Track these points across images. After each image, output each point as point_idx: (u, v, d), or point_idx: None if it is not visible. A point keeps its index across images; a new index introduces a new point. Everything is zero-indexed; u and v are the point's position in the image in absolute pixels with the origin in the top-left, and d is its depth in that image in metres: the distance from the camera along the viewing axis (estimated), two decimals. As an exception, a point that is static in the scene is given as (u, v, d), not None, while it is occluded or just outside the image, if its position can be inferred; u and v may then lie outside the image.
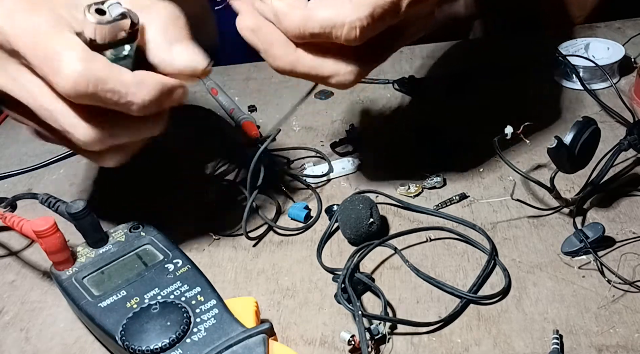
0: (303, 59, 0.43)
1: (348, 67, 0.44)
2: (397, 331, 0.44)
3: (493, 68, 0.71)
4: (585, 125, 0.47)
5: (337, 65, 0.43)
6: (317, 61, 0.43)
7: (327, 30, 0.41)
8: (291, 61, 0.43)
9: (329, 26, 0.41)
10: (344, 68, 0.43)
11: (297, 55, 0.43)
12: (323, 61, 0.43)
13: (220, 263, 0.52)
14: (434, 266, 0.48)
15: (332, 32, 0.41)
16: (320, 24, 0.41)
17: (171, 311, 0.41)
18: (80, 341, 0.46)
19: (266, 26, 0.43)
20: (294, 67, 0.43)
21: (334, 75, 0.44)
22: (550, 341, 0.41)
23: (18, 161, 0.69)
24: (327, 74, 0.44)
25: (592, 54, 0.67)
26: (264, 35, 0.43)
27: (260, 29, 0.42)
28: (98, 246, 0.48)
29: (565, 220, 0.51)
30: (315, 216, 0.55)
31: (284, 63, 0.43)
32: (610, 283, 0.45)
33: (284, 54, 0.43)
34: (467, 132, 0.61)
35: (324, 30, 0.41)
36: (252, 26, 0.43)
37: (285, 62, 0.43)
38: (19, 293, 0.51)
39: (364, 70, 0.44)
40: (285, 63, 0.43)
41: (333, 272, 0.49)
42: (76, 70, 0.38)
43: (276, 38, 0.43)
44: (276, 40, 0.43)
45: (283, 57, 0.43)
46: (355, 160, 0.60)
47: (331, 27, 0.41)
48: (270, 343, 0.40)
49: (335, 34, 0.41)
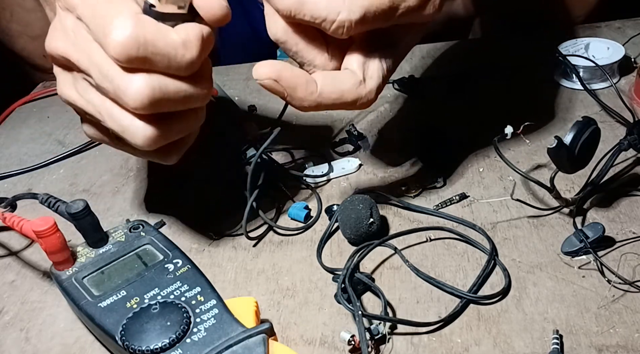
0: (327, 94, 0.44)
1: (367, 88, 0.45)
2: (397, 331, 0.44)
3: (493, 68, 0.71)
4: (585, 125, 0.47)
5: (358, 90, 0.45)
6: (340, 92, 0.44)
7: (317, 21, 0.42)
8: (315, 100, 0.44)
9: (319, 18, 0.42)
10: (364, 90, 0.45)
11: (320, 92, 0.44)
12: (344, 90, 0.44)
13: (220, 263, 0.52)
14: (434, 266, 0.48)
15: (321, 24, 0.42)
16: (311, 14, 0.42)
17: (171, 311, 0.41)
18: (80, 341, 0.46)
19: (285, 71, 0.43)
20: (319, 103, 0.44)
21: (358, 99, 0.45)
22: (550, 341, 0.41)
23: (18, 161, 0.69)
24: (351, 100, 0.45)
25: (592, 54, 0.67)
26: (285, 81, 0.43)
27: (280, 76, 0.43)
28: (98, 246, 0.48)
29: (565, 220, 0.51)
30: (315, 216, 0.55)
31: (309, 103, 0.44)
32: (610, 283, 0.45)
33: (309, 95, 0.44)
34: (467, 132, 0.61)
35: (314, 21, 0.42)
36: (272, 75, 0.43)
37: (311, 102, 0.44)
38: (19, 293, 0.51)
39: (380, 84, 0.45)
40: (310, 103, 0.44)
41: (333, 272, 0.49)
42: (125, 34, 0.39)
43: (298, 81, 0.43)
44: (298, 84, 0.43)
45: (308, 97, 0.44)
46: (355, 160, 0.60)
47: (321, 19, 0.42)
48: (270, 343, 0.40)
49: (323, 26, 0.42)
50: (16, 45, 0.88)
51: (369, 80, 0.45)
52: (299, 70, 0.44)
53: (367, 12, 0.42)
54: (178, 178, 0.61)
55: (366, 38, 0.45)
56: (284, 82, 0.43)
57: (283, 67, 0.43)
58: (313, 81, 0.44)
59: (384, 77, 0.46)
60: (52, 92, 0.81)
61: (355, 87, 0.44)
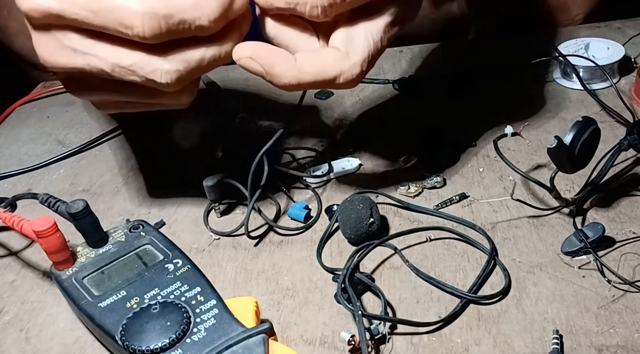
0: (306, 69, 0.43)
1: (349, 61, 0.43)
2: (397, 331, 0.44)
3: (493, 68, 0.71)
4: (585, 125, 0.47)
5: (340, 63, 0.43)
6: (320, 66, 0.43)
7: (291, 5, 0.42)
8: (294, 75, 0.43)
9: (292, 2, 0.42)
10: (346, 64, 0.43)
11: (299, 67, 0.43)
12: (325, 64, 0.43)
13: (220, 263, 0.52)
14: (434, 266, 0.48)
15: (296, 8, 0.42)
16: (284, 0, 0.42)
17: (171, 311, 0.41)
18: (80, 341, 0.46)
19: (262, 48, 0.43)
20: (299, 79, 0.43)
21: (340, 74, 0.43)
22: (550, 341, 0.41)
23: (18, 161, 0.69)
24: (334, 75, 0.43)
25: (592, 54, 0.67)
26: (263, 59, 0.43)
27: (257, 54, 0.43)
28: (98, 246, 0.48)
29: (565, 220, 0.51)
30: (315, 216, 0.55)
31: (289, 79, 0.43)
32: (610, 283, 0.45)
33: (286, 70, 0.43)
34: (467, 132, 0.61)
35: (289, 6, 0.42)
36: (249, 53, 0.43)
37: (290, 77, 0.43)
38: (19, 293, 0.51)
39: (365, 59, 0.44)
40: (289, 78, 0.43)
41: (333, 272, 0.49)
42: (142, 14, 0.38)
43: (275, 58, 0.43)
44: (275, 59, 0.43)
45: (286, 73, 0.43)
46: (355, 160, 0.60)
47: (295, 4, 0.42)
48: (270, 343, 0.40)
49: (300, 11, 0.42)
50: (14, 44, 0.88)
51: (353, 55, 0.43)
52: (277, 48, 0.44)
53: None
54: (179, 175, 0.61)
55: (349, 15, 0.44)
56: (261, 60, 0.42)
57: (260, 45, 0.43)
58: (292, 57, 0.43)
59: (370, 52, 0.44)
60: (52, 92, 0.81)
61: (336, 61, 0.43)
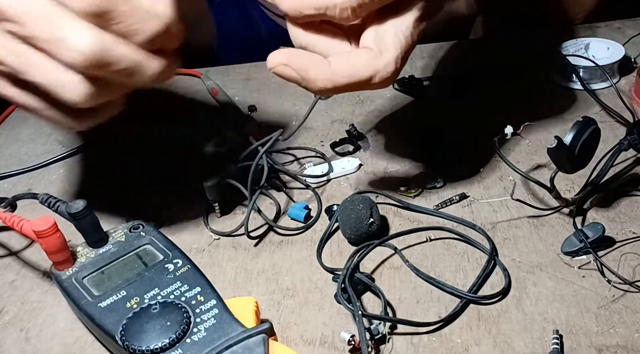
0: (340, 71, 0.43)
1: (383, 60, 0.43)
2: (397, 331, 0.44)
3: (493, 68, 0.71)
4: (585, 125, 0.47)
5: (374, 63, 0.43)
6: (354, 67, 0.43)
7: (321, 11, 0.42)
8: (329, 78, 0.42)
9: (322, 7, 0.42)
10: (380, 63, 0.43)
11: (333, 69, 0.43)
12: (359, 64, 0.43)
13: (220, 263, 0.52)
14: (434, 266, 0.48)
15: (326, 13, 0.42)
16: (313, 6, 0.42)
17: (171, 311, 0.41)
18: (80, 341, 0.46)
19: (295, 54, 0.43)
20: (334, 82, 0.43)
21: (376, 73, 0.43)
22: (550, 341, 0.41)
23: (18, 161, 0.69)
24: (369, 75, 0.43)
25: (592, 54, 0.67)
26: (296, 64, 0.42)
27: (290, 60, 0.42)
28: (98, 246, 0.48)
29: (565, 220, 0.51)
30: (315, 216, 0.55)
31: (323, 83, 0.43)
32: (610, 283, 0.45)
33: (321, 73, 0.42)
34: (467, 132, 0.61)
35: (319, 12, 0.42)
36: (283, 60, 0.42)
37: (325, 81, 0.43)
38: (19, 293, 0.51)
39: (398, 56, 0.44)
40: (324, 82, 0.43)
41: (333, 272, 0.49)
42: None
43: (308, 62, 0.43)
44: (309, 64, 0.43)
45: (320, 76, 0.42)
46: (355, 160, 0.60)
47: (325, 7, 0.42)
48: (270, 343, 0.40)
49: (330, 15, 0.42)
50: None
51: (385, 53, 0.43)
52: (310, 53, 0.44)
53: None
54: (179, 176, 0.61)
55: (376, 14, 0.44)
56: (295, 65, 0.42)
57: (293, 51, 0.43)
58: (325, 60, 0.43)
59: (402, 48, 0.44)
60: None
61: (370, 61, 0.43)
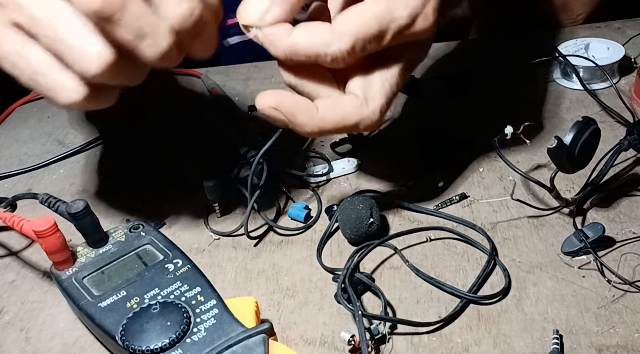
0: (328, 117, 0.44)
1: (369, 108, 0.44)
2: (397, 331, 0.44)
3: (493, 68, 0.71)
4: (585, 125, 0.47)
5: (360, 111, 0.44)
6: (341, 115, 0.44)
7: (312, 58, 0.42)
8: (317, 123, 0.44)
9: (313, 55, 0.42)
10: (365, 111, 0.44)
11: (321, 116, 0.44)
12: (345, 112, 0.44)
13: (220, 263, 0.52)
14: (434, 266, 0.48)
15: (317, 59, 0.43)
16: (305, 53, 0.42)
17: (171, 311, 0.41)
18: (80, 341, 0.46)
19: (285, 98, 0.43)
20: (321, 127, 0.44)
21: (361, 121, 0.44)
22: (550, 341, 0.41)
23: (18, 161, 0.69)
24: (354, 122, 0.44)
25: (592, 54, 0.67)
26: (285, 109, 0.43)
27: (279, 103, 0.43)
28: (98, 246, 0.48)
29: (565, 220, 0.51)
30: (315, 216, 0.55)
31: (311, 128, 0.44)
32: (610, 283, 0.45)
33: (309, 119, 0.44)
34: (467, 132, 0.61)
35: (310, 59, 0.43)
36: (272, 103, 0.43)
37: (313, 126, 0.44)
38: (19, 293, 0.51)
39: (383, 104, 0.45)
40: (312, 127, 0.44)
41: (333, 272, 0.49)
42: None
43: (297, 107, 0.43)
44: (297, 109, 0.43)
45: (309, 122, 0.44)
46: (355, 160, 0.60)
47: (315, 56, 0.42)
48: (270, 343, 0.40)
49: (321, 61, 0.43)
50: None
51: (371, 101, 0.44)
52: (300, 96, 0.44)
53: (357, 39, 0.42)
54: (179, 179, 0.61)
55: (366, 61, 0.45)
56: (284, 109, 0.43)
57: (283, 95, 0.44)
58: (314, 106, 0.44)
59: (387, 97, 0.45)
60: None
61: (356, 109, 0.44)
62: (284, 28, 0.42)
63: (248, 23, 0.43)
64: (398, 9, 0.42)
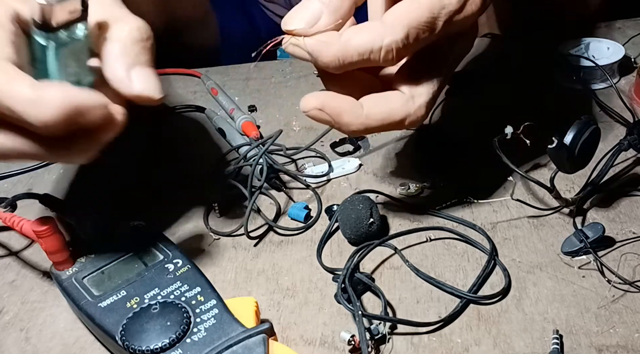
0: (374, 115, 0.44)
1: (415, 104, 0.44)
2: (397, 331, 0.44)
3: (493, 68, 0.71)
4: (585, 125, 0.47)
5: (405, 107, 0.44)
6: (387, 111, 0.44)
7: (365, 56, 0.42)
8: (363, 122, 0.43)
9: (366, 52, 0.42)
10: (412, 107, 0.44)
11: (366, 114, 0.43)
12: (391, 109, 0.44)
13: (220, 263, 0.52)
14: (434, 266, 0.48)
15: (369, 56, 0.42)
16: (357, 52, 0.42)
17: (171, 311, 0.41)
18: (80, 341, 0.46)
19: (329, 99, 0.43)
20: (367, 125, 0.44)
21: (407, 117, 0.44)
22: (550, 341, 0.41)
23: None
24: (400, 119, 0.44)
25: (592, 54, 0.67)
26: (330, 109, 0.43)
27: (324, 104, 0.43)
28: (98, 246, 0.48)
29: (565, 220, 0.51)
30: (315, 216, 0.55)
31: (357, 127, 0.44)
32: (610, 283, 0.45)
33: (355, 118, 0.43)
34: (467, 132, 0.61)
35: (362, 57, 0.42)
36: (317, 105, 0.43)
37: (359, 125, 0.44)
38: (19, 293, 0.51)
39: (429, 100, 0.45)
40: (358, 126, 0.44)
41: (333, 272, 0.49)
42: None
43: (342, 106, 0.43)
44: (343, 108, 0.43)
45: (354, 121, 0.43)
46: (355, 160, 0.60)
47: (369, 52, 0.41)
48: (270, 343, 0.40)
49: (373, 58, 0.42)
50: None
51: (418, 97, 0.44)
52: (344, 96, 0.44)
53: (410, 28, 0.41)
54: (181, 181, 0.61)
55: (413, 56, 0.45)
56: (329, 110, 0.43)
57: (327, 95, 0.43)
58: (359, 104, 0.43)
59: (433, 93, 0.45)
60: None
61: (402, 105, 0.44)
62: (333, 34, 0.42)
63: (297, 31, 0.42)
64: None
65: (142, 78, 0.41)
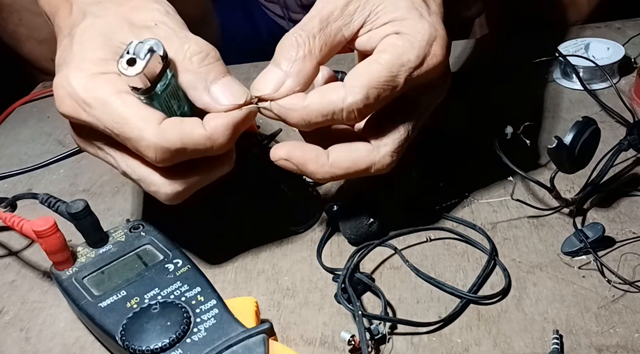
0: (339, 164, 0.45)
1: (379, 153, 0.45)
2: (397, 331, 0.44)
3: (493, 68, 0.71)
4: (585, 125, 0.47)
5: (369, 157, 0.45)
6: (351, 160, 0.45)
7: (328, 117, 0.43)
8: (327, 171, 0.45)
9: (329, 114, 0.43)
10: (376, 156, 0.45)
11: (331, 163, 0.45)
12: (356, 158, 0.45)
13: (220, 263, 0.52)
14: (434, 266, 0.48)
15: (332, 117, 0.43)
16: (320, 114, 0.43)
17: (171, 311, 0.41)
18: (80, 341, 0.46)
19: (296, 149, 0.45)
20: (332, 174, 0.45)
21: (372, 166, 0.45)
22: (550, 341, 0.41)
23: (18, 161, 0.69)
24: (365, 167, 0.45)
25: (592, 54, 0.67)
26: (296, 159, 0.45)
27: (290, 155, 0.45)
28: (98, 246, 0.48)
29: (565, 220, 0.51)
30: (316, 217, 0.55)
31: (322, 175, 0.45)
32: (610, 283, 0.45)
33: (319, 166, 0.45)
34: (467, 132, 0.61)
35: (326, 118, 0.43)
36: (282, 155, 0.45)
37: (324, 173, 0.45)
38: (19, 293, 0.51)
39: (395, 149, 0.46)
40: (323, 174, 0.45)
41: (333, 272, 0.49)
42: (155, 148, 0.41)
43: (308, 156, 0.45)
44: (308, 158, 0.45)
45: (319, 169, 0.45)
46: (355, 160, 0.60)
47: (331, 114, 0.43)
48: (270, 343, 0.40)
49: (336, 119, 0.43)
50: (23, 49, 0.88)
51: (383, 147, 0.45)
52: (310, 145, 0.46)
53: (369, 88, 0.42)
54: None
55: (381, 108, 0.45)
56: (294, 160, 0.45)
57: (293, 145, 0.45)
58: (324, 153, 0.45)
59: (400, 142, 0.46)
60: (52, 92, 0.81)
61: (367, 154, 0.45)
62: (299, 97, 0.43)
63: (264, 96, 0.44)
64: (405, 54, 0.43)
65: (223, 93, 0.43)
